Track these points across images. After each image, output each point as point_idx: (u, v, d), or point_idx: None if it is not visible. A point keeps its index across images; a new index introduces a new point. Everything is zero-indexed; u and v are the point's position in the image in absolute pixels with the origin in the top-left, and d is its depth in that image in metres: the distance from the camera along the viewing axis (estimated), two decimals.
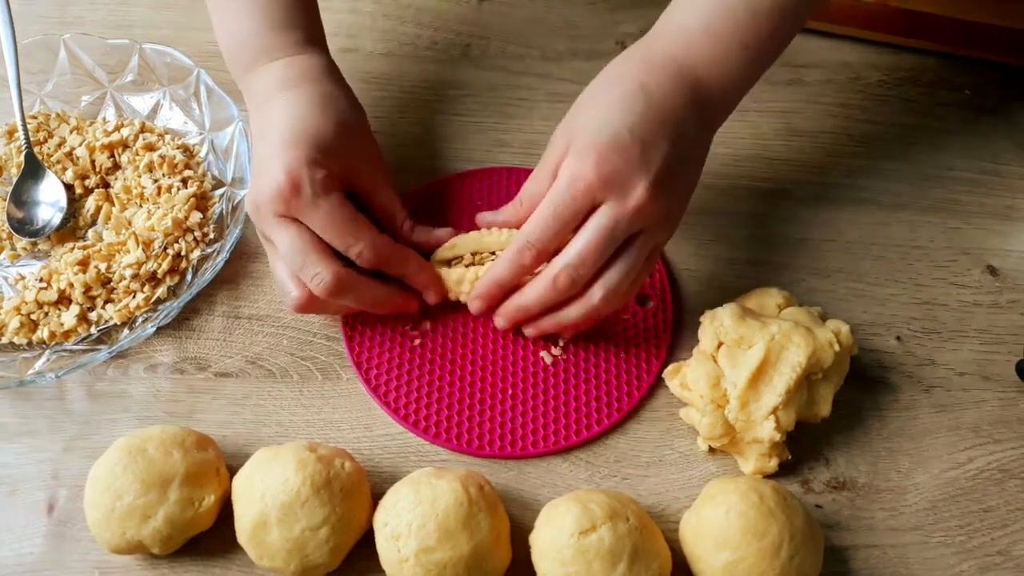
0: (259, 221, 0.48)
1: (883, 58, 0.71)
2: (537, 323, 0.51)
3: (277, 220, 0.47)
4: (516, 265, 0.49)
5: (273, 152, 0.47)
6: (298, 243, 0.47)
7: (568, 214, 0.46)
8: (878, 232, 0.61)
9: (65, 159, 0.59)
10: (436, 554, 0.42)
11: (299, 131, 0.48)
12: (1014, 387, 0.55)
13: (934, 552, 0.49)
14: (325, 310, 0.52)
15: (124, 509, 0.43)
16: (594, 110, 0.48)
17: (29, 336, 0.52)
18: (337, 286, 0.47)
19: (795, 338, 0.48)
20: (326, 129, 0.49)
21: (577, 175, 0.46)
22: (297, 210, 0.47)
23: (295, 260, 0.47)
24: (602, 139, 0.46)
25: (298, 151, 0.47)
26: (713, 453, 0.51)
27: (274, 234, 0.48)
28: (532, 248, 0.48)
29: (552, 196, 0.47)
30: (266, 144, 0.48)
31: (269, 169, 0.47)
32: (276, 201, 0.47)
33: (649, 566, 0.43)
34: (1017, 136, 0.67)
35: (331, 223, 0.47)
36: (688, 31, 0.49)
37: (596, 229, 0.46)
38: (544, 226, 0.47)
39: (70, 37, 0.60)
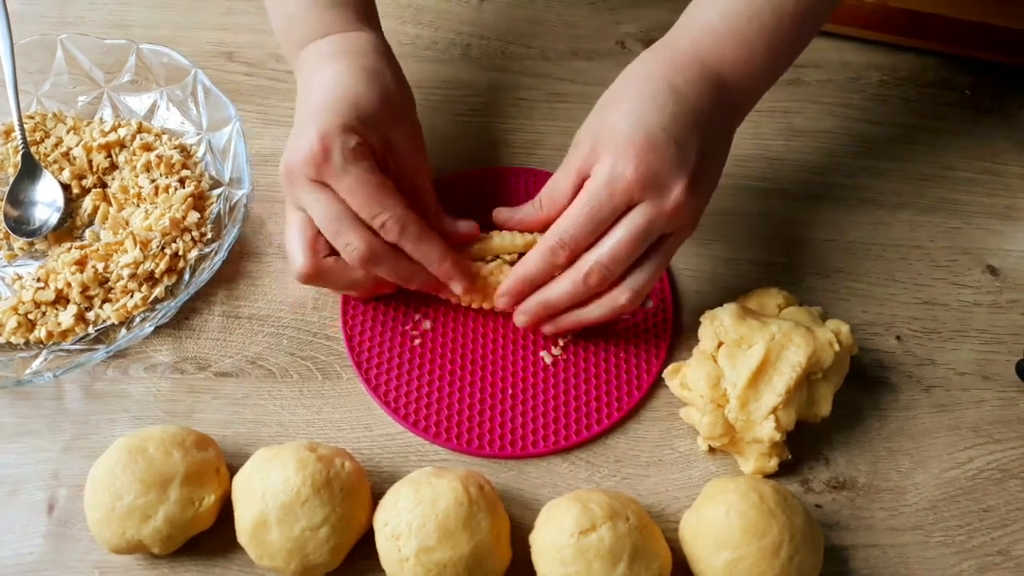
0: (291, 184, 0.47)
1: (883, 58, 0.71)
2: (557, 320, 0.51)
3: (310, 185, 0.47)
4: (548, 264, 0.49)
5: (310, 117, 0.47)
6: (332, 209, 0.47)
7: (604, 213, 0.46)
8: (878, 232, 0.61)
9: (62, 159, 0.59)
10: (436, 554, 0.42)
11: (339, 98, 0.47)
12: (1014, 387, 0.55)
13: (934, 552, 0.49)
14: (330, 283, 0.51)
15: (124, 509, 0.43)
16: (624, 109, 0.47)
17: (27, 336, 0.52)
18: (370, 255, 0.47)
19: (795, 338, 0.48)
20: (368, 99, 0.48)
21: (616, 175, 0.45)
22: (327, 174, 0.46)
23: (330, 226, 0.47)
24: (638, 139, 0.45)
25: (334, 116, 0.46)
26: (713, 453, 0.51)
27: (306, 199, 0.47)
28: (566, 247, 0.47)
29: (589, 196, 0.46)
30: (304, 111, 0.48)
31: (304, 133, 0.46)
32: (307, 164, 0.46)
33: (649, 566, 0.43)
34: (1017, 136, 0.67)
35: (359, 190, 0.46)
36: (713, 31, 0.49)
37: (631, 228, 0.46)
38: (580, 225, 0.47)
39: (67, 37, 0.60)
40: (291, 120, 0.62)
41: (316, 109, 0.47)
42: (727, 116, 0.50)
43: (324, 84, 0.48)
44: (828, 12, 0.51)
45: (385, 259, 0.48)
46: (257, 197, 0.60)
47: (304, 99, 0.49)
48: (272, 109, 0.64)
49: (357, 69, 0.49)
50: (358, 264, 0.48)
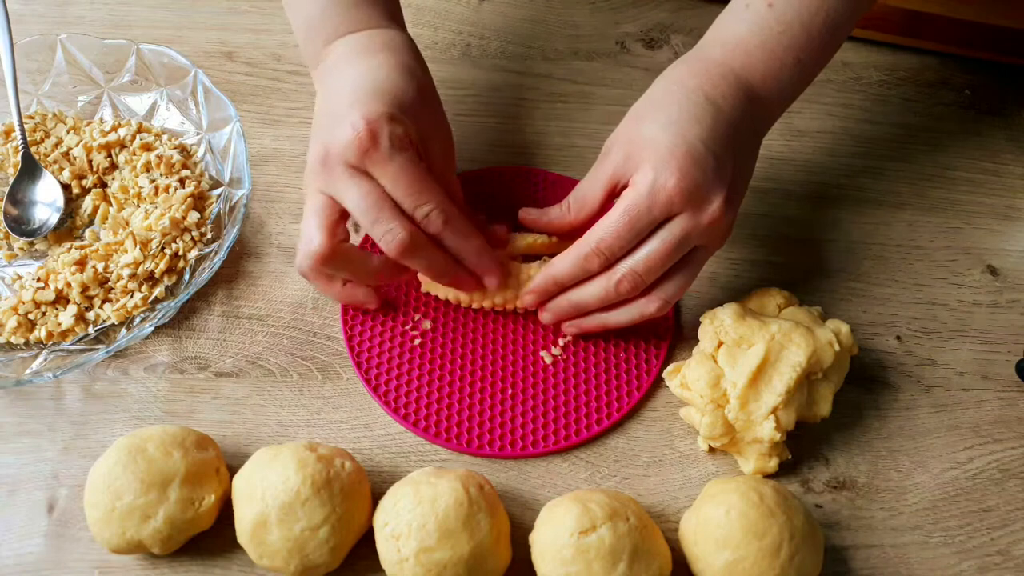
0: (326, 170, 0.46)
1: (883, 58, 0.71)
2: (580, 321, 0.52)
3: (349, 171, 0.45)
4: (581, 270, 0.49)
5: (351, 104, 0.46)
6: (372, 197, 0.45)
7: (643, 223, 0.46)
8: (878, 232, 0.61)
9: (62, 159, 0.59)
10: (436, 554, 0.42)
11: (380, 89, 0.47)
12: (1014, 387, 0.55)
13: (934, 552, 0.49)
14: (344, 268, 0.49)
15: (124, 509, 0.43)
16: (662, 120, 0.47)
17: (27, 336, 0.52)
18: (411, 244, 0.46)
19: (795, 338, 0.48)
20: (406, 92, 0.47)
21: (657, 186, 0.45)
22: (372, 162, 0.45)
23: (368, 214, 0.45)
24: (680, 151, 0.45)
25: (379, 104, 0.46)
26: (713, 453, 0.51)
27: (342, 184, 0.46)
28: (602, 255, 0.47)
29: (628, 205, 0.46)
30: (340, 99, 0.47)
31: (346, 119, 0.45)
32: (352, 150, 0.45)
33: (649, 566, 0.43)
34: (1017, 136, 0.67)
35: (405, 179, 0.45)
36: (744, 45, 0.49)
37: (667, 239, 0.47)
38: (618, 235, 0.47)
39: (67, 37, 0.60)
40: (291, 120, 0.63)
41: (357, 98, 0.46)
42: (757, 127, 0.51)
43: (361, 74, 0.48)
44: (853, 23, 0.52)
45: (423, 249, 0.47)
46: (257, 197, 0.60)
47: (334, 92, 0.48)
48: (272, 109, 0.64)
49: (393, 64, 0.49)
50: (396, 252, 0.46)
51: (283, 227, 0.58)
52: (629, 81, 0.68)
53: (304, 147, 0.62)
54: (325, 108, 0.48)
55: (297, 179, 0.61)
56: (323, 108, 0.49)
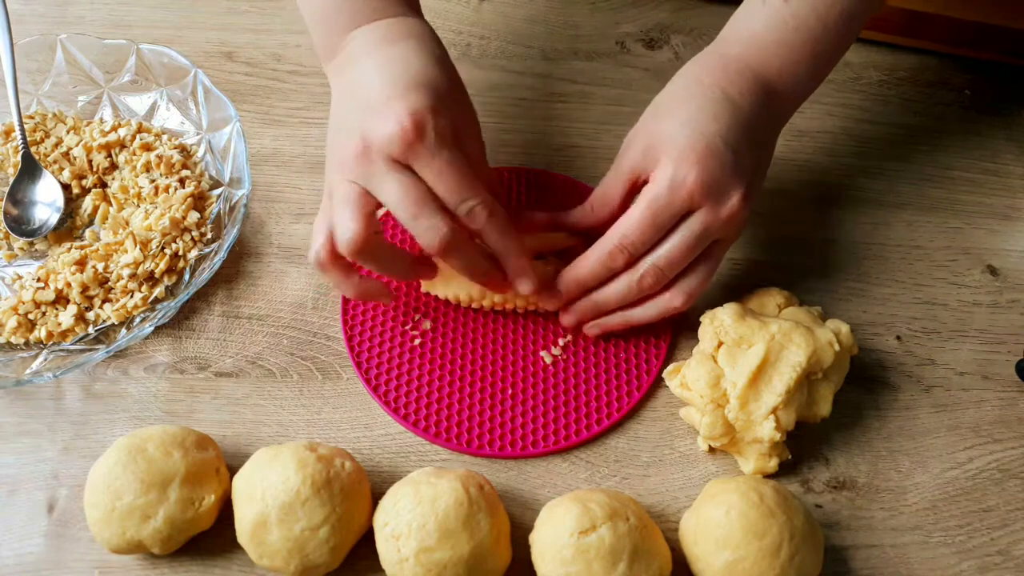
0: (365, 162, 0.44)
1: (883, 58, 0.71)
2: (602, 321, 0.52)
3: (389, 164, 0.44)
4: (606, 268, 0.49)
5: (392, 95, 0.44)
6: (415, 191, 0.44)
7: (664, 219, 0.47)
8: (878, 232, 0.61)
9: (62, 159, 0.59)
10: (436, 554, 0.42)
11: (419, 80, 0.45)
12: (1014, 387, 0.55)
13: (934, 552, 0.49)
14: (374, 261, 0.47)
15: (124, 509, 0.43)
16: (681, 117, 0.48)
17: (27, 336, 0.52)
18: (453, 241, 0.45)
19: (795, 338, 0.48)
20: (442, 83, 0.46)
21: (678, 181, 0.46)
22: (416, 156, 0.44)
23: (410, 209, 0.44)
24: (699, 147, 0.46)
25: (422, 97, 0.44)
26: (713, 453, 0.51)
27: (382, 179, 0.44)
28: (626, 251, 0.48)
29: (649, 201, 0.46)
30: (375, 89, 0.45)
31: (388, 111, 0.43)
32: (396, 143, 0.43)
33: (649, 566, 0.43)
34: (1017, 136, 0.67)
35: (449, 174, 0.44)
36: (761, 41, 0.50)
37: (688, 234, 0.47)
38: (640, 231, 0.47)
39: (67, 37, 0.60)
40: (291, 120, 0.63)
41: (397, 89, 0.44)
42: (774, 123, 0.52)
43: (393, 63, 0.46)
44: (868, 15, 0.52)
45: (463, 247, 0.46)
46: (257, 197, 0.60)
47: (365, 81, 0.46)
48: (272, 109, 0.64)
49: (424, 53, 0.47)
50: (438, 249, 0.45)
51: (283, 227, 0.58)
52: (629, 81, 0.68)
53: (304, 146, 0.62)
54: (356, 98, 0.46)
55: (297, 179, 0.61)
56: (352, 98, 0.46)
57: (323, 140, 0.62)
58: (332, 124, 0.48)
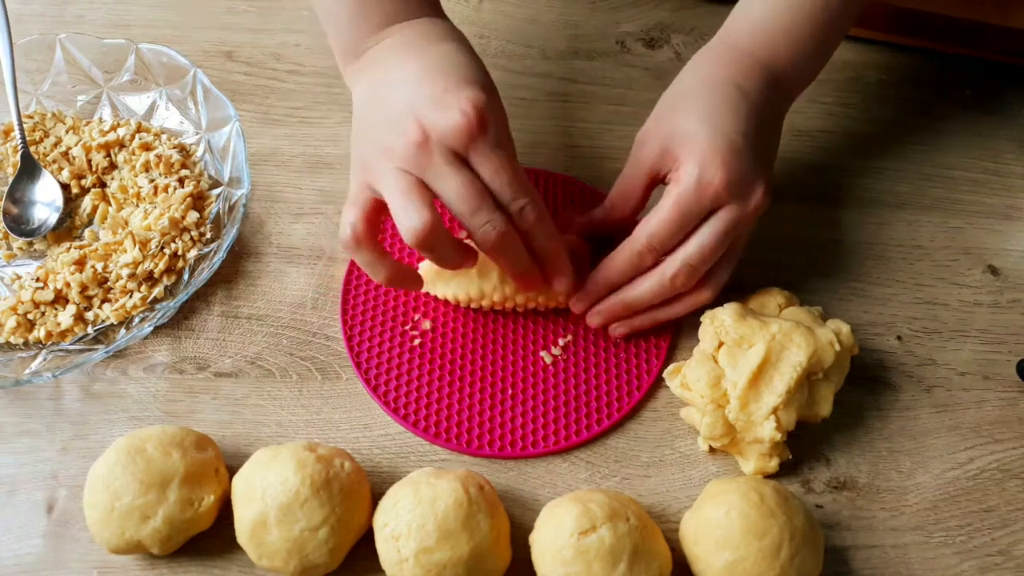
0: (422, 155, 0.43)
1: (883, 58, 0.71)
2: (631, 321, 0.52)
3: (449, 157, 0.43)
4: (634, 267, 0.50)
5: (448, 88, 0.44)
6: (475, 187, 0.44)
7: (691, 218, 0.47)
8: (878, 232, 0.61)
9: (61, 159, 0.58)
10: (436, 554, 0.42)
11: (472, 76, 0.46)
12: (1015, 387, 0.55)
13: (935, 552, 0.49)
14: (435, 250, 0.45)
15: (123, 509, 0.43)
16: (700, 113, 0.48)
17: (26, 336, 0.52)
18: (507, 237, 0.45)
19: (795, 338, 0.48)
20: (488, 82, 0.47)
21: (704, 180, 0.46)
22: (476, 150, 0.44)
23: (470, 203, 0.44)
24: (722, 145, 0.47)
25: (480, 91, 0.44)
26: (713, 453, 0.51)
27: (440, 171, 0.43)
28: (654, 251, 0.49)
29: (677, 200, 0.47)
30: (427, 83, 0.45)
31: (451, 102, 0.43)
32: (459, 136, 0.43)
33: (649, 566, 0.43)
34: (1017, 136, 0.67)
35: (506, 170, 0.44)
36: (769, 32, 0.51)
37: (717, 229, 0.48)
38: (668, 230, 0.48)
39: (66, 37, 0.60)
40: (290, 119, 0.63)
41: (454, 81, 0.44)
42: (781, 108, 0.53)
43: (442, 58, 0.46)
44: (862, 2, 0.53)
45: (513, 244, 0.46)
46: (256, 197, 0.60)
47: (413, 75, 0.45)
48: (272, 109, 0.64)
49: (469, 53, 0.48)
50: (490, 245, 0.45)
51: (283, 227, 0.58)
52: (629, 81, 0.68)
53: (303, 146, 0.62)
54: (405, 91, 0.45)
55: (297, 178, 0.60)
56: (398, 91, 0.46)
57: (323, 140, 0.63)
58: (366, 116, 0.47)
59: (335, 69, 0.66)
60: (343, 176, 0.61)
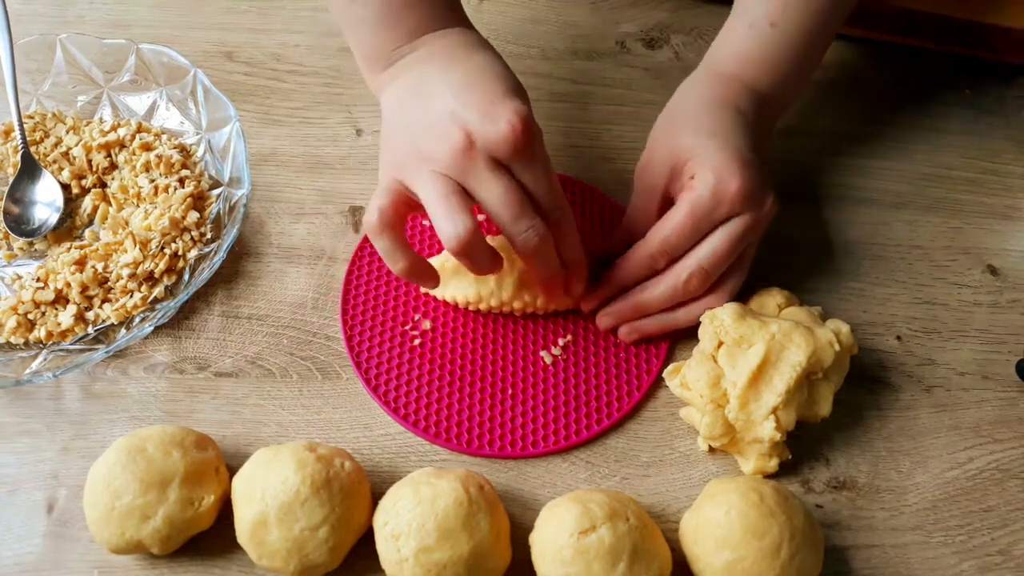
0: (466, 161, 0.44)
1: (883, 58, 0.71)
2: (641, 324, 0.53)
3: (491, 164, 0.44)
4: (647, 269, 0.51)
5: (493, 98, 0.45)
6: (517, 194, 0.45)
7: (706, 225, 0.49)
8: (878, 232, 0.61)
9: (62, 159, 0.58)
10: (436, 554, 0.42)
11: (513, 86, 0.47)
12: (1014, 387, 0.55)
13: (934, 552, 0.49)
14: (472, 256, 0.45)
15: (123, 509, 0.43)
16: (707, 130, 0.50)
17: (26, 336, 0.52)
18: (545, 242, 0.46)
19: (795, 338, 0.48)
20: (526, 93, 0.48)
21: (721, 188, 0.48)
22: (520, 158, 0.44)
23: (511, 209, 0.45)
24: (735, 157, 0.49)
25: (524, 102, 0.46)
26: (713, 453, 0.51)
27: (482, 178, 0.44)
28: (667, 255, 0.50)
29: (693, 207, 0.48)
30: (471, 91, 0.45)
31: (497, 111, 0.44)
32: (507, 144, 0.43)
33: (649, 566, 0.43)
34: (1017, 136, 0.67)
35: (548, 178, 0.46)
36: (751, 60, 0.54)
37: (731, 236, 0.49)
38: (682, 234, 0.49)
39: (67, 37, 0.60)
40: (291, 120, 0.63)
41: (500, 93, 0.45)
42: (769, 127, 0.56)
43: (483, 68, 0.47)
44: (846, 16, 0.56)
45: (549, 249, 0.47)
46: (257, 197, 0.60)
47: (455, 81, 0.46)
48: (272, 109, 0.64)
49: (503, 63, 0.49)
50: (531, 250, 0.46)
51: (283, 227, 0.58)
52: (629, 81, 0.68)
53: (304, 146, 0.62)
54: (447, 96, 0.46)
55: (297, 179, 0.61)
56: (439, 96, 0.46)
57: (323, 140, 0.63)
58: (398, 120, 0.48)
59: (335, 69, 0.67)
60: (343, 176, 0.61)
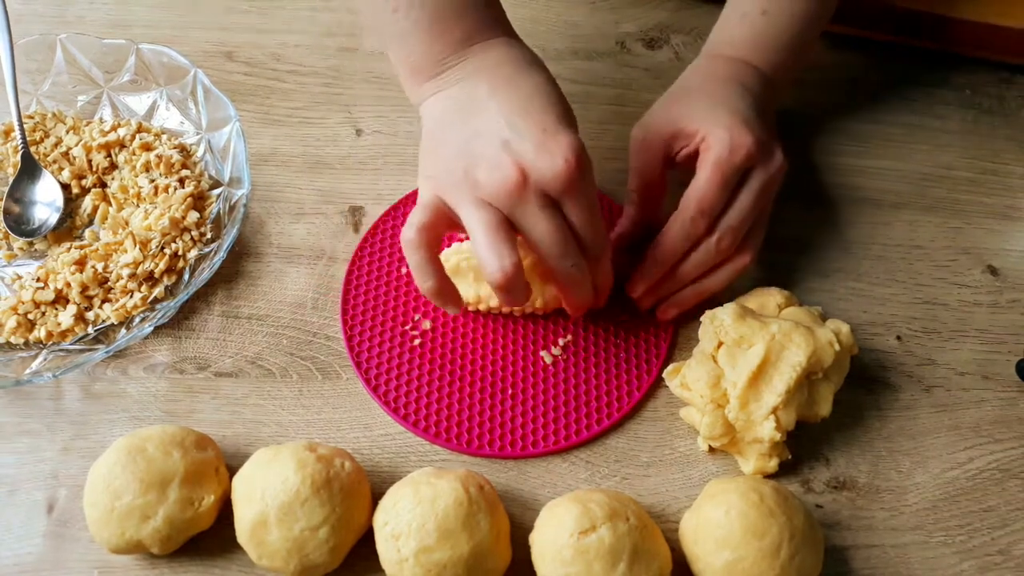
0: (518, 197, 0.44)
1: (883, 58, 0.71)
2: (678, 298, 0.53)
3: (543, 200, 0.44)
4: (689, 236, 0.51)
5: (547, 129, 0.44)
6: (565, 231, 0.45)
7: (731, 178, 0.50)
8: (878, 232, 0.61)
9: (62, 159, 0.59)
10: (436, 554, 0.42)
11: (566, 113, 0.47)
12: (1014, 387, 0.55)
13: (934, 552, 0.49)
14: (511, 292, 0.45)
15: (123, 509, 0.43)
16: (711, 100, 0.52)
17: (26, 336, 0.52)
18: (585, 276, 0.48)
19: (795, 338, 0.48)
20: (574, 118, 0.48)
21: (737, 142, 0.49)
22: (570, 195, 0.44)
23: (560, 247, 0.45)
24: (741, 117, 0.51)
25: (575, 134, 0.45)
26: (713, 453, 0.51)
27: (532, 214, 0.44)
28: (705, 215, 0.50)
29: (716, 164, 0.49)
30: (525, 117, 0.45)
31: (552, 146, 0.44)
32: (560, 181, 0.43)
33: (649, 566, 0.43)
34: (1017, 136, 0.67)
35: (596, 218, 0.46)
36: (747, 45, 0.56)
37: (753, 191, 0.50)
38: (715, 192, 0.49)
39: (67, 37, 0.60)
40: (291, 120, 0.63)
41: (553, 124, 0.45)
42: (774, 101, 0.58)
43: (534, 93, 0.46)
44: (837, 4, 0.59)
45: (588, 282, 0.48)
46: (257, 197, 0.60)
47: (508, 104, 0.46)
48: (272, 109, 0.64)
49: (553, 83, 0.48)
50: (573, 285, 0.47)
51: (283, 227, 0.58)
52: (629, 81, 0.68)
53: (304, 146, 0.62)
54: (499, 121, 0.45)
55: (297, 179, 0.61)
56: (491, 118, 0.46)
57: (323, 140, 0.63)
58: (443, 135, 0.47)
59: (335, 69, 0.67)
60: (343, 176, 0.61)
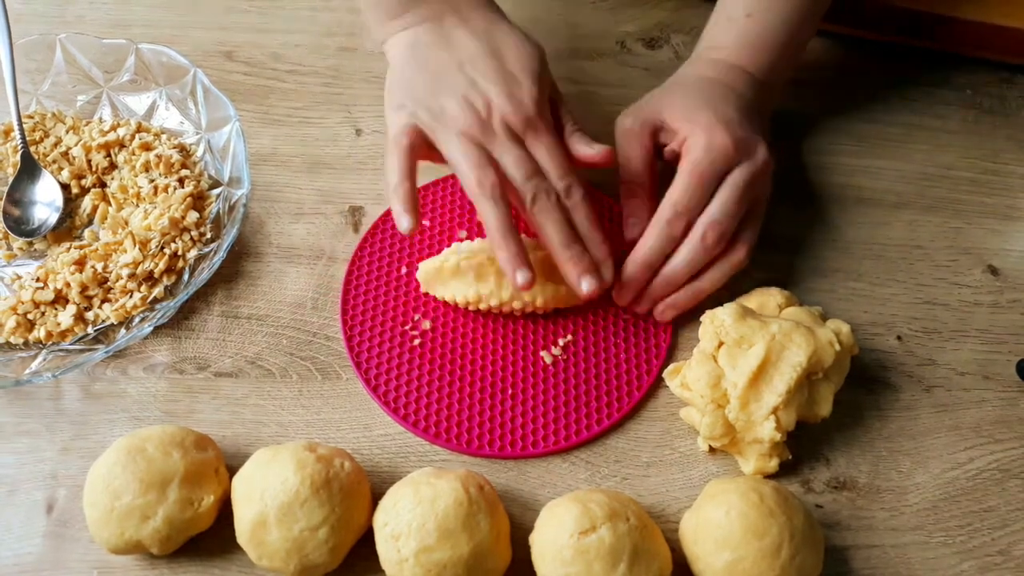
0: (486, 129, 0.49)
1: (883, 58, 0.71)
2: (673, 299, 0.53)
3: (508, 135, 0.50)
4: (668, 238, 0.51)
5: (516, 73, 0.51)
6: (530, 161, 0.50)
7: (710, 180, 0.51)
8: (878, 232, 0.61)
9: (61, 159, 0.58)
10: (436, 554, 0.42)
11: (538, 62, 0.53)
12: (1015, 387, 0.55)
13: (935, 552, 0.49)
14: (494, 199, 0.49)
15: (123, 509, 0.43)
16: (695, 101, 0.54)
17: (26, 336, 0.52)
18: (555, 204, 0.50)
19: (795, 338, 0.48)
20: (543, 64, 0.54)
21: (715, 145, 0.51)
22: (533, 131, 0.50)
23: (525, 170, 0.49)
24: (722, 119, 0.52)
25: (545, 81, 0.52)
26: (713, 453, 0.51)
27: (502, 147, 0.49)
28: (681, 216, 0.51)
29: (693, 166, 0.51)
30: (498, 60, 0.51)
31: (515, 88, 0.50)
32: (520, 122, 0.50)
33: (649, 566, 0.43)
34: (1017, 136, 0.67)
35: (557, 152, 0.50)
36: (736, 49, 0.57)
37: (735, 186, 0.51)
38: (692, 193, 0.50)
39: (66, 37, 0.60)
40: (290, 120, 0.63)
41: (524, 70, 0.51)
42: (767, 104, 0.59)
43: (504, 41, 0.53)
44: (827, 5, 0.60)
45: (558, 211, 0.50)
46: (256, 197, 0.60)
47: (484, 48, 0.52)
48: (271, 109, 0.64)
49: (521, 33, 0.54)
50: (539, 206, 0.49)
51: (282, 227, 0.58)
52: (629, 81, 0.68)
53: (303, 146, 0.62)
54: (471, 60, 0.51)
55: (297, 178, 0.61)
56: (464, 58, 0.52)
57: (323, 140, 0.63)
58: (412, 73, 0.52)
59: (335, 69, 0.67)
60: (343, 176, 0.61)
